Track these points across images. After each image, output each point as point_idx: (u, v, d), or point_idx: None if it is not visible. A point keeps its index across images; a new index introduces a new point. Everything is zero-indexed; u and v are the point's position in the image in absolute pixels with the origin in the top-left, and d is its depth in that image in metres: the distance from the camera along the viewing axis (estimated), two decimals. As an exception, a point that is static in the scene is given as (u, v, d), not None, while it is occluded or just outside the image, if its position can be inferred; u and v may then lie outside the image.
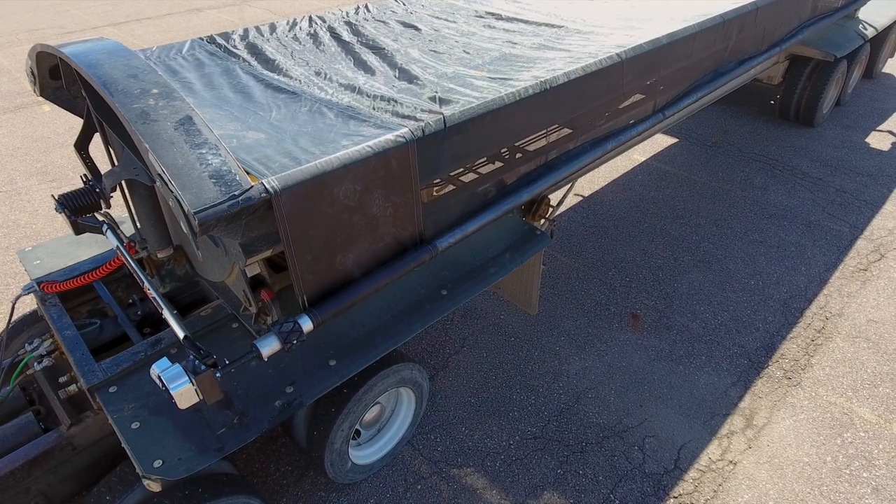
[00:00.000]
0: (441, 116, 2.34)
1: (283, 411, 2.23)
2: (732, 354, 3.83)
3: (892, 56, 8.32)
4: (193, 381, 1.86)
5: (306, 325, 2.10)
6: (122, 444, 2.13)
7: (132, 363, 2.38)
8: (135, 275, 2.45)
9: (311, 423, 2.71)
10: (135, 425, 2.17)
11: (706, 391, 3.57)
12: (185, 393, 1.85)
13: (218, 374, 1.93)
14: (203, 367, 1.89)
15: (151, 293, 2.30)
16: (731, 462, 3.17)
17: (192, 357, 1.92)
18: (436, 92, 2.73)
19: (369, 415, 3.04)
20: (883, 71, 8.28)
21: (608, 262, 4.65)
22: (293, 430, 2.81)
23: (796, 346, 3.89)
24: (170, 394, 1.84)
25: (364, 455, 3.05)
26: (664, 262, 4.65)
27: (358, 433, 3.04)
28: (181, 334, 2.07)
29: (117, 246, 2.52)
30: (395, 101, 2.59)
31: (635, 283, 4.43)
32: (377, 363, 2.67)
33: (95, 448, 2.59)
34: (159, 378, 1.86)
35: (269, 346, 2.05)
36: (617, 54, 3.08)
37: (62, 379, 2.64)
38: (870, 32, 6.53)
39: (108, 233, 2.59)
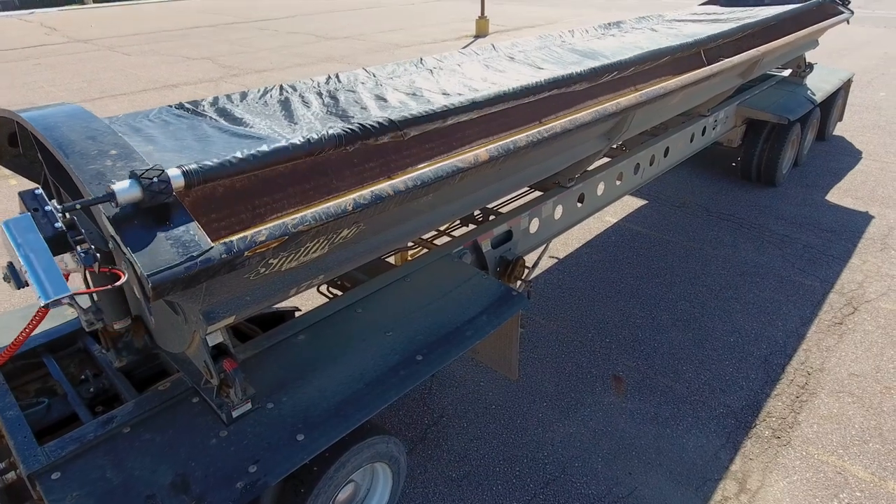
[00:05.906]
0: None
1: (246, 493, 2.03)
2: (719, 415, 3.72)
3: (840, 120, 8.82)
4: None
5: (177, 180, 1.77)
6: (62, 540, 1.90)
7: (79, 445, 2.17)
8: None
9: (278, 505, 2.49)
10: (77, 517, 1.95)
11: (696, 455, 3.43)
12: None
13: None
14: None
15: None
16: (727, 531, 3.00)
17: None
18: None
19: (342, 494, 2.82)
20: (834, 133, 8.73)
21: (587, 324, 4.58)
22: (258, 515, 2.57)
23: (782, 403, 3.81)
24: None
25: (337, 540, 2.81)
26: (643, 322, 4.60)
27: (330, 515, 2.80)
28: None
29: None
30: None
31: (616, 345, 4.35)
32: (349, 436, 2.49)
33: (34, 545, 2.32)
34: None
35: (127, 193, 1.68)
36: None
37: (0, 466, 2.40)
38: (818, 97, 6.95)
39: None
